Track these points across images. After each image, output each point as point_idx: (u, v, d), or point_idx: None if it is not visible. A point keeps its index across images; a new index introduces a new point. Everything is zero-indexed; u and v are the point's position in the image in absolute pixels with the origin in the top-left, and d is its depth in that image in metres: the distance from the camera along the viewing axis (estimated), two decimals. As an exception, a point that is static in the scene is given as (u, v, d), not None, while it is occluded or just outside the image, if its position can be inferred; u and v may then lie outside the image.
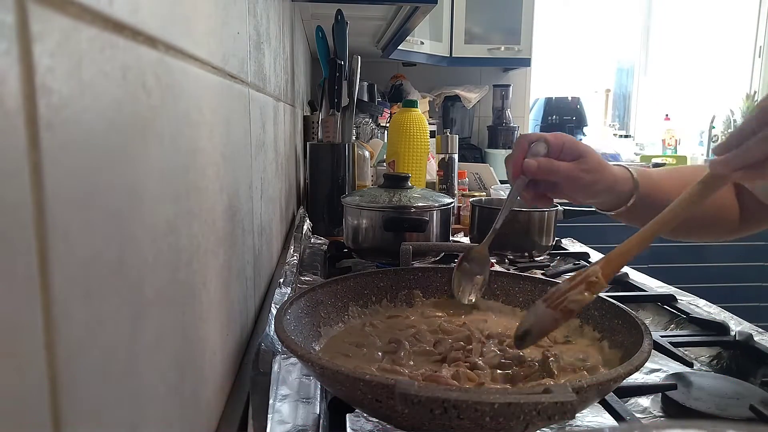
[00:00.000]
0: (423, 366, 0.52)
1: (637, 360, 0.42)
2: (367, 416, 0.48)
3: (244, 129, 0.60)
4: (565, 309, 0.50)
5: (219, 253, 0.45)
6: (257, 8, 0.71)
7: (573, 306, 0.50)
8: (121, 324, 0.25)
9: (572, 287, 0.50)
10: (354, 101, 1.30)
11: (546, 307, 0.51)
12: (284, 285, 0.71)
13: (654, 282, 0.92)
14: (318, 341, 0.56)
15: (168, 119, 0.32)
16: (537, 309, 0.52)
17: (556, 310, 0.50)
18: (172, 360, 0.32)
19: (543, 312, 0.51)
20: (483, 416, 0.33)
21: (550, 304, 0.50)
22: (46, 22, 0.18)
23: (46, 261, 0.18)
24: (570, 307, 0.50)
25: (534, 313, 0.52)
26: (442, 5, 2.26)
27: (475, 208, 1.11)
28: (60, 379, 0.19)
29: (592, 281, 0.49)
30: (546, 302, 0.51)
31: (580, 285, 0.50)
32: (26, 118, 0.17)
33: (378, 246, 0.95)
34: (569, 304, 0.50)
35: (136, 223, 0.26)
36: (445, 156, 1.38)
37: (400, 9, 1.27)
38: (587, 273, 0.50)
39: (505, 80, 2.66)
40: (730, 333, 0.69)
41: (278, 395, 0.48)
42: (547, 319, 0.50)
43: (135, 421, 0.26)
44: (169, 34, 0.32)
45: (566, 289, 0.50)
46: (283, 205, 1.04)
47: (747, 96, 2.76)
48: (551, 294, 0.51)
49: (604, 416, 0.50)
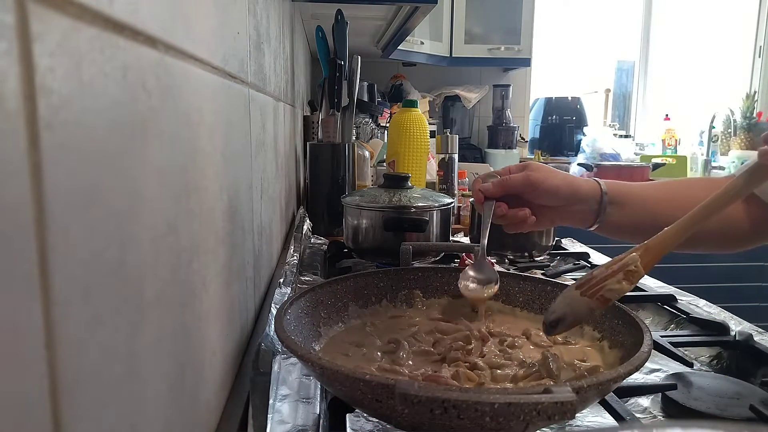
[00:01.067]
0: (422, 366, 0.52)
1: (637, 360, 0.42)
2: (367, 416, 0.48)
3: (244, 129, 0.60)
4: (602, 298, 0.49)
5: (219, 253, 0.45)
6: (257, 8, 0.71)
7: (610, 295, 0.49)
8: (121, 324, 0.25)
9: (610, 275, 0.48)
10: (354, 101, 1.30)
11: (581, 294, 0.49)
12: (284, 285, 0.71)
13: (654, 282, 0.92)
14: (318, 341, 0.56)
15: (168, 119, 0.32)
16: (570, 296, 0.50)
17: (592, 299, 0.49)
18: (172, 360, 0.32)
19: (578, 300, 0.49)
20: (483, 416, 0.33)
21: (586, 291, 0.49)
22: (46, 22, 0.18)
23: (46, 261, 0.18)
24: (607, 296, 0.49)
25: (567, 300, 0.50)
26: (442, 5, 2.26)
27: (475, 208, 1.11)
28: (60, 379, 0.19)
29: (630, 270, 0.48)
30: (580, 289, 0.50)
31: (618, 273, 0.48)
32: (26, 118, 0.17)
33: (378, 246, 0.95)
34: (606, 293, 0.48)
35: (136, 223, 0.26)
36: (445, 156, 1.38)
37: (400, 9, 1.27)
38: (625, 261, 0.48)
39: (505, 80, 2.66)
40: (730, 333, 0.69)
41: (278, 395, 0.48)
42: (582, 308, 0.49)
43: (135, 421, 0.26)
44: (169, 34, 0.32)
45: (603, 277, 0.49)
46: (283, 205, 1.04)
47: (747, 96, 2.76)
48: (586, 281, 0.50)
49: (604, 416, 0.50)
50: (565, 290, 0.52)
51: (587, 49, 3.07)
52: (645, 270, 0.48)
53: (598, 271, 0.50)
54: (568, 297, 0.51)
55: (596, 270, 0.50)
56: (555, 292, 0.60)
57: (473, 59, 2.36)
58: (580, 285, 0.50)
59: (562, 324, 0.50)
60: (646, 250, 0.49)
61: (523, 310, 0.64)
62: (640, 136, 3.06)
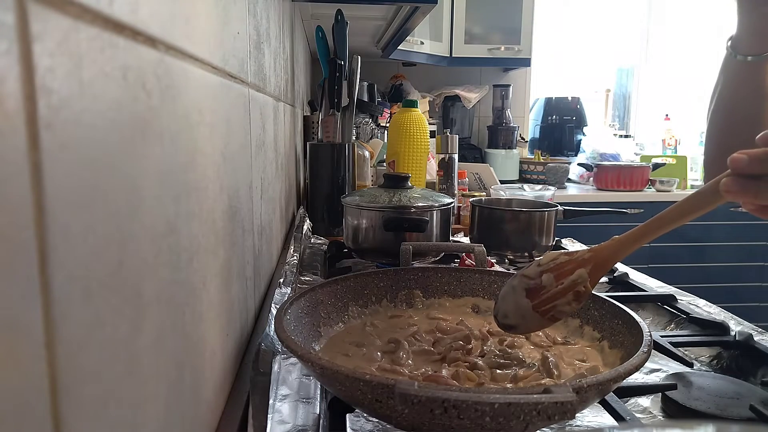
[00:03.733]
0: (422, 366, 0.52)
1: (637, 360, 0.42)
2: (367, 416, 0.48)
3: (244, 129, 0.60)
4: (552, 318, 0.51)
5: (219, 253, 0.45)
6: (257, 8, 0.71)
7: (560, 316, 0.51)
8: (121, 324, 0.25)
9: (560, 293, 0.50)
10: (354, 101, 1.30)
11: (533, 309, 0.51)
12: (284, 285, 0.71)
13: (654, 282, 0.92)
14: (318, 341, 0.56)
15: (168, 119, 0.32)
16: (523, 307, 0.51)
17: (543, 317, 0.51)
18: (172, 360, 0.32)
19: (530, 314, 0.51)
20: (483, 416, 0.33)
21: (538, 306, 0.51)
22: (46, 22, 0.18)
23: (46, 261, 0.18)
24: (557, 316, 0.51)
25: (521, 311, 0.52)
26: (442, 5, 2.26)
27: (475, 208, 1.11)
28: (60, 379, 0.19)
29: (579, 291, 0.49)
30: (531, 300, 0.51)
31: (568, 293, 0.50)
32: (26, 118, 0.17)
33: (378, 246, 0.95)
34: (557, 314, 0.51)
35: (136, 223, 0.26)
36: (445, 156, 1.38)
37: (400, 9, 1.27)
38: (575, 278, 0.49)
39: (505, 80, 2.66)
40: (730, 333, 0.69)
41: (278, 395, 0.48)
42: (533, 323, 0.52)
43: (135, 421, 0.26)
44: (169, 34, 0.32)
45: (554, 294, 0.50)
46: (283, 205, 1.04)
47: (747, 96, 2.76)
48: (536, 290, 0.51)
49: (604, 416, 0.50)
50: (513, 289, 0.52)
51: (587, 49, 3.07)
52: (592, 287, 0.50)
53: (548, 281, 0.51)
54: (520, 307, 0.52)
55: (545, 277, 0.51)
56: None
57: (473, 59, 2.36)
58: (531, 293, 0.51)
59: (514, 330, 0.54)
60: (595, 266, 0.50)
61: (523, 310, 0.64)
62: (640, 136, 3.06)
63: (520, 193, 1.33)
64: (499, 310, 0.54)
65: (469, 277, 0.68)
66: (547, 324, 0.52)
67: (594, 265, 0.49)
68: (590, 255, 0.50)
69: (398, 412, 0.36)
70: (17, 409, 0.17)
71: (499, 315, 0.54)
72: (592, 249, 0.50)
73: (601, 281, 0.93)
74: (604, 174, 2.36)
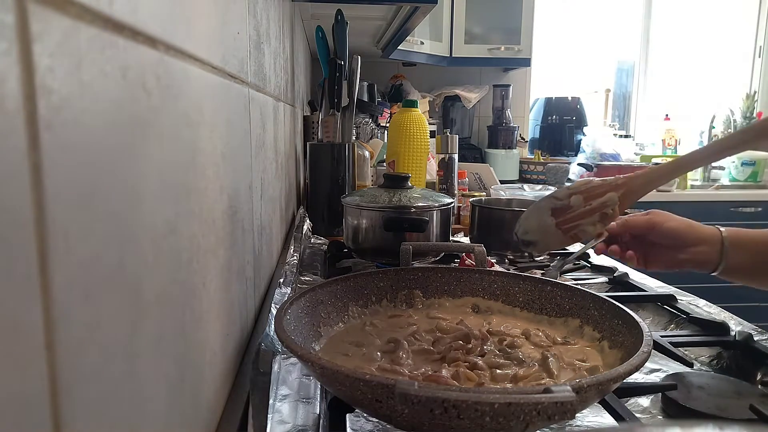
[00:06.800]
0: (422, 366, 0.52)
1: (637, 360, 0.42)
2: (367, 416, 0.48)
3: (244, 129, 0.60)
4: (574, 236, 0.50)
5: (219, 253, 0.45)
6: (257, 8, 0.71)
7: (583, 236, 0.50)
8: (121, 324, 0.25)
9: (587, 213, 0.49)
10: (354, 101, 1.30)
11: (556, 226, 0.50)
12: (284, 285, 0.71)
13: (654, 282, 0.92)
14: (318, 341, 0.56)
15: (168, 119, 0.32)
16: (546, 224, 0.51)
17: (565, 235, 0.50)
18: (172, 360, 0.32)
19: (552, 231, 0.50)
20: (483, 416, 0.33)
21: (561, 224, 0.50)
22: (46, 22, 0.18)
23: (46, 261, 0.18)
24: (580, 236, 0.50)
25: (543, 227, 0.51)
26: (442, 5, 2.26)
27: (475, 208, 1.11)
28: (60, 379, 0.19)
29: (606, 213, 0.49)
30: (555, 218, 0.50)
31: (595, 214, 0.49)
32: (26, 118, 0.17)
33: (378, 246, 0.95)
34: (580, 233, 0.50)
35: (136, 223, 0.26)
36: (445, 156, 1.38)
37: (400, 9, 1.27)
38: (605, 200, 0.49)
39: (505, 80, 2.65)
40: (730, 333, 0.69)
41: (278, 395, 0.48)
42: (554, 240, 0.51)
43: (135, 421, 0.26)
44: (169, 34, 0.32)
45: (581, 213, 0.49)
46: (283, 205, 1.04)
47: (747, 96, 2.76)
48: (562, 210, 0.50)
49: (604, 416, 0.50)
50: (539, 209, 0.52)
51: (587, 49, 3.07)
52: (621, 211, 0.49)
53: (576, 200, 0.50)
54: (543, 224, 0.51)
55: (574, 198, 0.50)
56: (555, 292, 0.60)
57: (473, 59, 2.36)
58: (557, 212, 0.50)
59: (533, 247, 0.53)
60: (626, 195, 0.49)
61: (523, 310, 0.64)
62: (640, 136, 3.06)
63: (520, 193, 1.33)
64: (521, 226, 0.52)
65: (469, 277, 0.68)
66: (568, 242, 0.50)
67: (626, 191, 0.49)
68: (623, 181, 0.49)
69: (398, 412, 0.36)
70: (17, 410, 0.17)
71: (519, 232, 0.52)
72: (626, 176, 0.50)
73: (601, 281, 0.93)
74: (604, 174, 2.35)
